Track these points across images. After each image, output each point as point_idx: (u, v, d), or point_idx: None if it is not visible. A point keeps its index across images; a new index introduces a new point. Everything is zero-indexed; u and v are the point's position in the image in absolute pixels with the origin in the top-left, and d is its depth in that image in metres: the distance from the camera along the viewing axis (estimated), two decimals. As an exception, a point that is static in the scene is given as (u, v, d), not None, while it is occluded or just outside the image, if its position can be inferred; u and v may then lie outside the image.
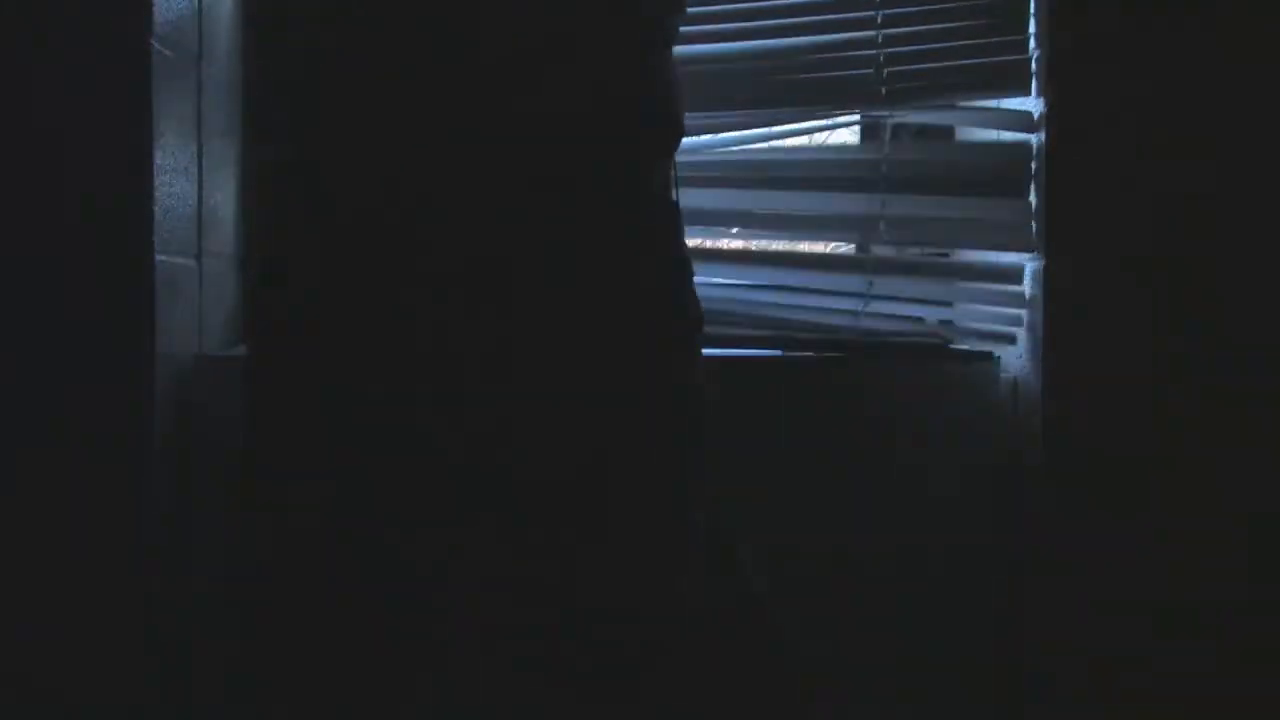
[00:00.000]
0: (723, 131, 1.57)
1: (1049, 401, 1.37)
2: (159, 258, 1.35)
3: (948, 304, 1.54)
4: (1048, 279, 1.38)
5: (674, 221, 0.97)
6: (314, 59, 0.92)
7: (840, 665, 1.39)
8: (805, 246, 1.68)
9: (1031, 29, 1.45)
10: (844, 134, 1.68)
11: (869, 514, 1.43)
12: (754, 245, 1.64)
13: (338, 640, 0.92)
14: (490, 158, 0.87)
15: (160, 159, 1.35)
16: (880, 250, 1.59)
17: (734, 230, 1.62)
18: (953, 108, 1.54)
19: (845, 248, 1.69)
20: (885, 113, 1.51)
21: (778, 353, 1.48)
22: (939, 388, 1.44)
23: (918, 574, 1.42)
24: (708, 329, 1.02)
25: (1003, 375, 1.46)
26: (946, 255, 1.62)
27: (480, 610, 1.00)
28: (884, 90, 1.48)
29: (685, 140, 1.01)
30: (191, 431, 1.42)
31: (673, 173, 0.99)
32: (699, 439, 0.97)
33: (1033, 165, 1.43)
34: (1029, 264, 1.45)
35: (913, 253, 1.61)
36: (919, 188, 1.51)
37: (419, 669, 0.96)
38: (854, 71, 1.49)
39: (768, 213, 1.56)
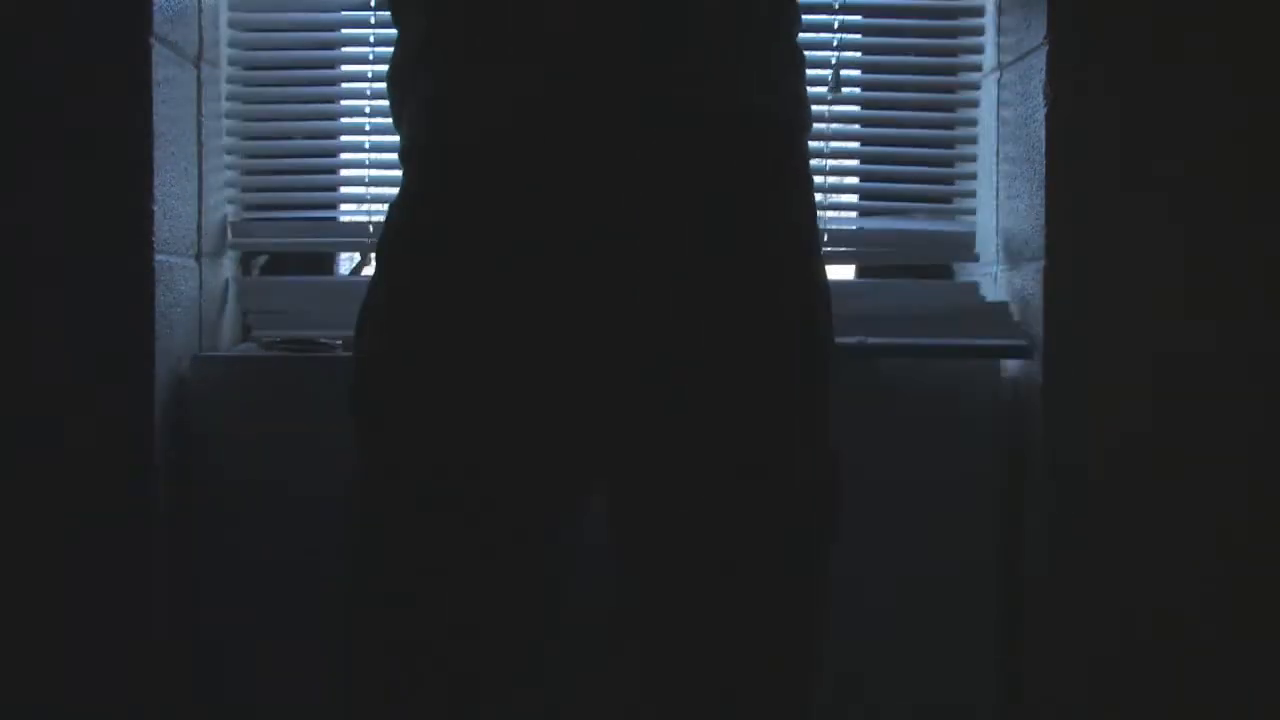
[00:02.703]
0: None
1: (1049, 401, 1.37)
2: (159, 258, 1.35)
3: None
4: (1048, 279, 1.38)
5: (809, 185, 1.01)
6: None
7: (839, 665, 1.39)
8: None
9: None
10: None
11: (868, 514, 1.42)
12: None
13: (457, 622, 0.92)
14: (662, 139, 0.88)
15: (160, 159, 1.35)
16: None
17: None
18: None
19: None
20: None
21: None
22: (939, 388, 1.44)
23: (917, 574, 1.42)
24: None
25: (1003, 375, 1.46)
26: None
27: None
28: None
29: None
30: (191, 431, 1.42)
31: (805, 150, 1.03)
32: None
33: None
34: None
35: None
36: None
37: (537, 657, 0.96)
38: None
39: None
